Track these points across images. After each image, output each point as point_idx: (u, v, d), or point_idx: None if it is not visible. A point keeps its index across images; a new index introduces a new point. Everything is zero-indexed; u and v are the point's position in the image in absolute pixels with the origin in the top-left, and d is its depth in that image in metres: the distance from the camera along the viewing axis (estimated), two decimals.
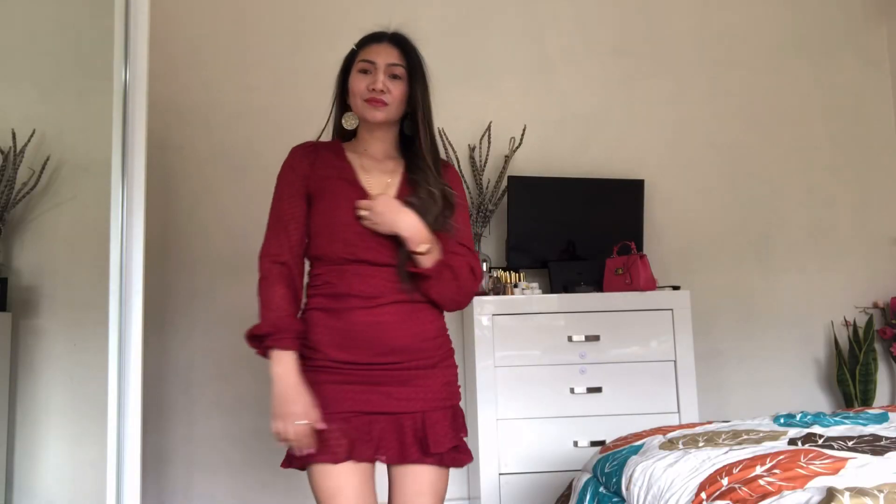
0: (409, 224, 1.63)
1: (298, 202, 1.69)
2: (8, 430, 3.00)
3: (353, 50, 1.77)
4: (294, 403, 1.56)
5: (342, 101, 1.79)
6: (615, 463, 1.87)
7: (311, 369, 1.62)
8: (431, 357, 1.68)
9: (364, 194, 1.67)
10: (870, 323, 3.57)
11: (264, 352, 1.61)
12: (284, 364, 1.59)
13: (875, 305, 3.70)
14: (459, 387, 1.75)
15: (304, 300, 1.70)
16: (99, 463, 2.12)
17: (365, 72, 1.71)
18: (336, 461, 1.56)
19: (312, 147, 1.77)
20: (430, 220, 1.66)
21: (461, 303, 1.73)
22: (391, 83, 1.70)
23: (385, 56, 1.71)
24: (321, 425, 1.57)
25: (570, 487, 2.11)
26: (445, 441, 1.65)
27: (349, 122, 1.76)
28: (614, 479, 1.82)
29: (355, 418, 1.60)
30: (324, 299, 1.66)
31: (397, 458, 1.62)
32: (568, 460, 2.92)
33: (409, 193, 1.69)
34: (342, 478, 1.57)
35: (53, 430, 3.07)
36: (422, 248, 1.63)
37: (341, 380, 1.61)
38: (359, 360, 1.62)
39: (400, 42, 1.74)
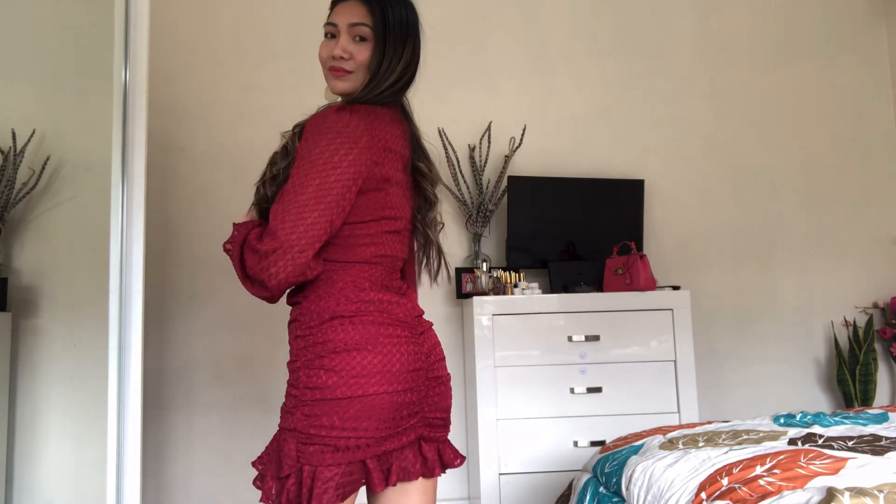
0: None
1: None
2: (8, 430, 3.00)
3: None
4: None
5: None
6: (615, 463, 1.87)
7: None
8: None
9: None
10: (870, 323, 3.57)
11: None
12: None
13: (875, 305, 3.69)
14: (289, 403, 1.41)
15: None
16: (99, 463, 2.12)
17: (332, 36, 1.50)
18: None
19: None
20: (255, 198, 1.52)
21: (248, 288, 1.39)
22: (355, 46, 1.46)
23: (347, 15, 1.47)
24: None
25: (570, 487, 2.11)
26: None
27: (328, 96, 1.54)
28: (614, 479, 1.82)
29: None
30: None
31: None
32: (568, 460, 2.93)
33: None
34: None
35: (53, 430, 3.06)
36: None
37: None
38: None
39: None
